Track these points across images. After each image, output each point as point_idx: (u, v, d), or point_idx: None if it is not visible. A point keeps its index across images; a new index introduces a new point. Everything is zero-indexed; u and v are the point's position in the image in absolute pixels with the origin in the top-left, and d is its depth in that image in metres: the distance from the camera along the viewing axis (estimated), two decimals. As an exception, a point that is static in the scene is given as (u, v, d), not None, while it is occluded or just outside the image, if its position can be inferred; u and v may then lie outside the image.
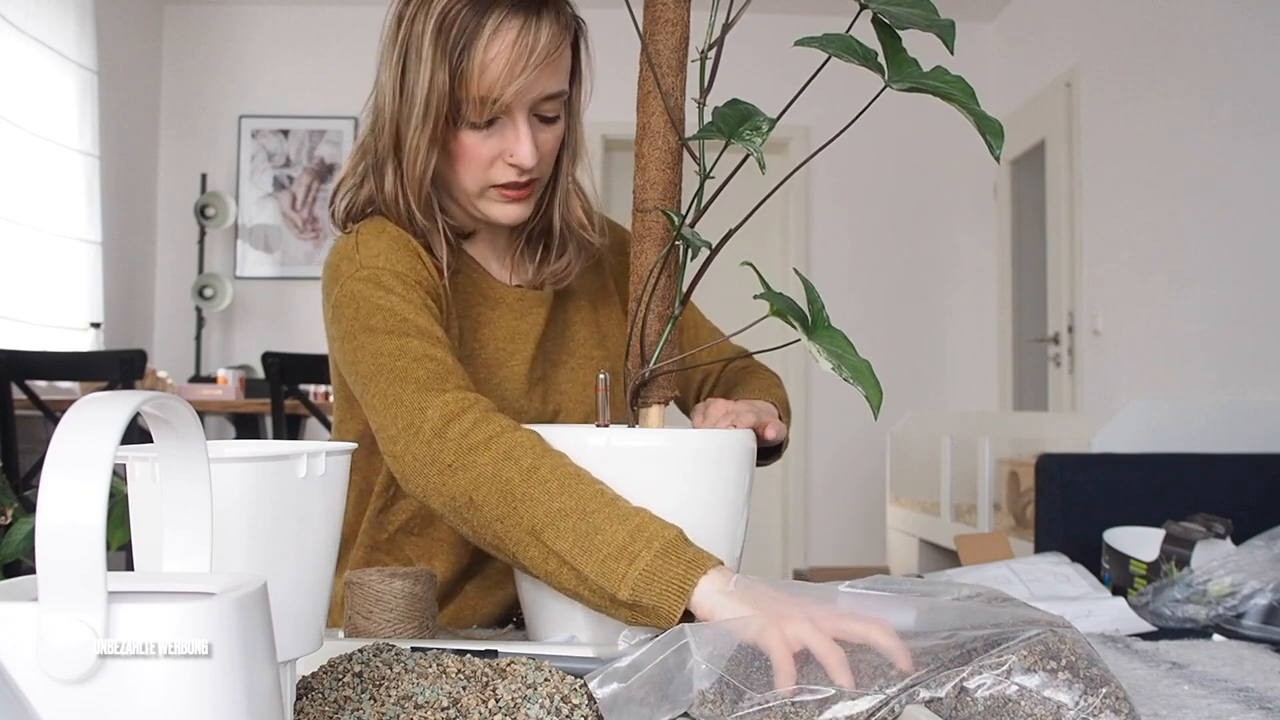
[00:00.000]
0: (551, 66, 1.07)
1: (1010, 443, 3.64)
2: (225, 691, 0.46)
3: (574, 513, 0.86)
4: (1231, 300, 3.40)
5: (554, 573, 0.86)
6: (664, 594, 0.81)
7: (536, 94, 1.07)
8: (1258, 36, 3.29)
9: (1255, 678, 0.92)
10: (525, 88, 1.05)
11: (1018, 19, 5.23)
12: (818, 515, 5.44)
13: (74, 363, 3.28)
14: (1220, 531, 1.33)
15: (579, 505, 0.86)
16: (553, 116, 1.11)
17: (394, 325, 1.03)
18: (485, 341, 1.17)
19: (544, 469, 0.89)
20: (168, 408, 0.52)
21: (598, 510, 0.86)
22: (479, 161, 1.09)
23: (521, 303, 1.20)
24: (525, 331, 1.19)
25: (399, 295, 1.05)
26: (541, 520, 0.86)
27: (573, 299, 1.26)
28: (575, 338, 1.25)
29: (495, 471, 0.90)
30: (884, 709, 0.68)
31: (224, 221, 5.23)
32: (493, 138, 1.08)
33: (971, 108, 0.88)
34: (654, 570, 0.81)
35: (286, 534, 0.65)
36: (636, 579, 0.82)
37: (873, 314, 5.38)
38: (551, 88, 1.08)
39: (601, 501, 0.86)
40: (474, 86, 1.04)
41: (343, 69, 5.24)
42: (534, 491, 0.88)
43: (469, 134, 1.08)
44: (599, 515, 0.85)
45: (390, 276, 1.07)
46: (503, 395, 1.16)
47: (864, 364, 0.87)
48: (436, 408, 0.95)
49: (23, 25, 4.02)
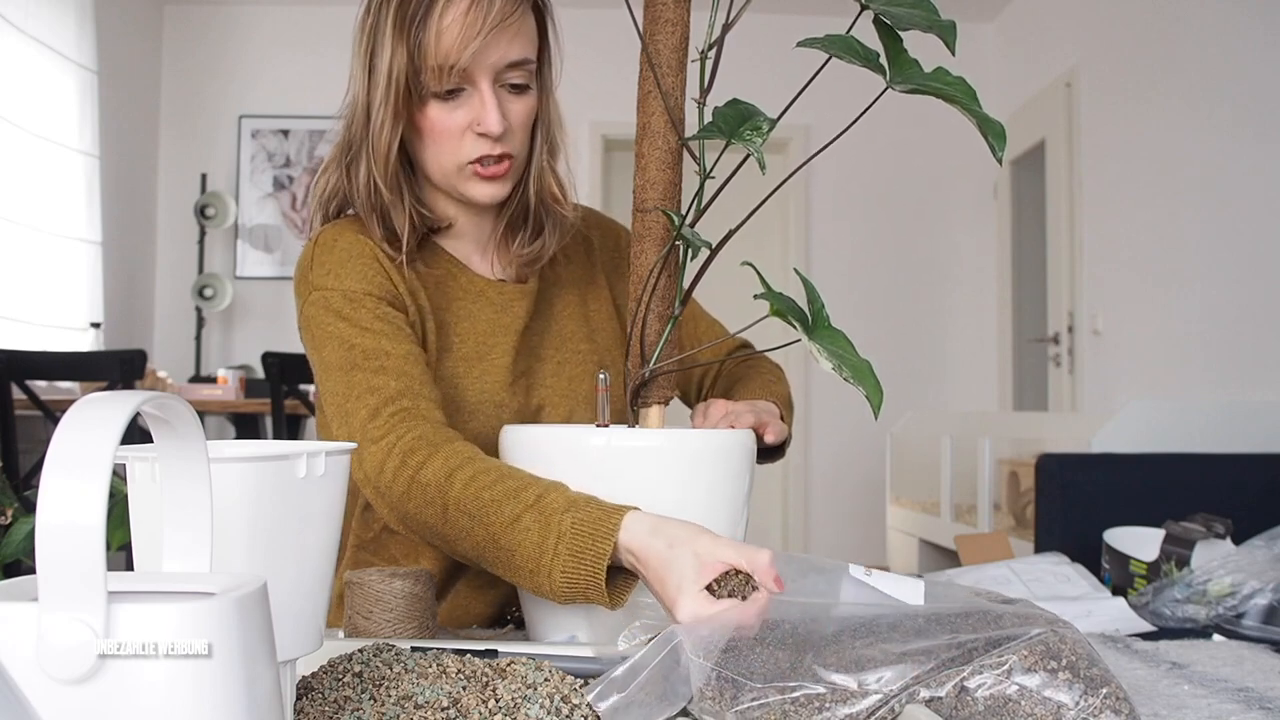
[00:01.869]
0: (509, 31, 1.08)
1: (1010, 443, 3.64)
2: (225, 691, 0.46)
3: (488, 543, 0.92)
4: (1231, 300, 3.40)
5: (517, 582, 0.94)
6: (589, 589, 0.87)
7: (497, 59, 1.08)
8: (1258, 36, 3.29)
9: (1255, 678, 0.92)
10: (481, 51, 1.06)
11: (1018, 19, 5.23)
12: (818, 515, 5.44)
13: (74, 363, 3.28)
14: (1220, 531, 1.33)
15: (490, 536, 0.92)
16: (521, 84, 1.12)
17: (341, 358, 1.07)
18: (465, 336, 1.17)
19: (451, 508, 0.94)
20: (168, 408, 0.52)
21: (503, 533, 0.91)
22: (449, 135, 1.11)
23: (502, 296, 1.20)
24: (506, 325, 1.19)
25: (347, 320, 1.08)
26: (474, 555, 0.94)
27: (559, 292, 1.26)
28: (562, 331, 1.24)
29: (421, 517, 0.97)
30: (884, 708, 0.68)
31: (224, 221, 5.23)
32: (460, 109, 1.10)
33: (973, 109, 0.88)
34: (571, 574, 0.87)
35: (286, 534, 0.65)
36: (562, 587, 0.88)
37: (873, 314, 5.38)
38: (513, 54, 1.09)
39: (504, 522, 0.91)
40: (432, 55, 1.06)
41: (343, 69, 5.15)
42: (454, 532, 0.94)
43: (435, 106, 1.09)
44: (505, 537, 0.91)
45: (340, 299, 1.10)
46: (483, 390, 1.16)
47: (864, 364, 0.87)
48: (370, 458, 1.00)
49: (23, 25, 4.02)
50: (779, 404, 1.20)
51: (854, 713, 0.68)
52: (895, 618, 0.75)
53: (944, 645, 0.71)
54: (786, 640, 0.73)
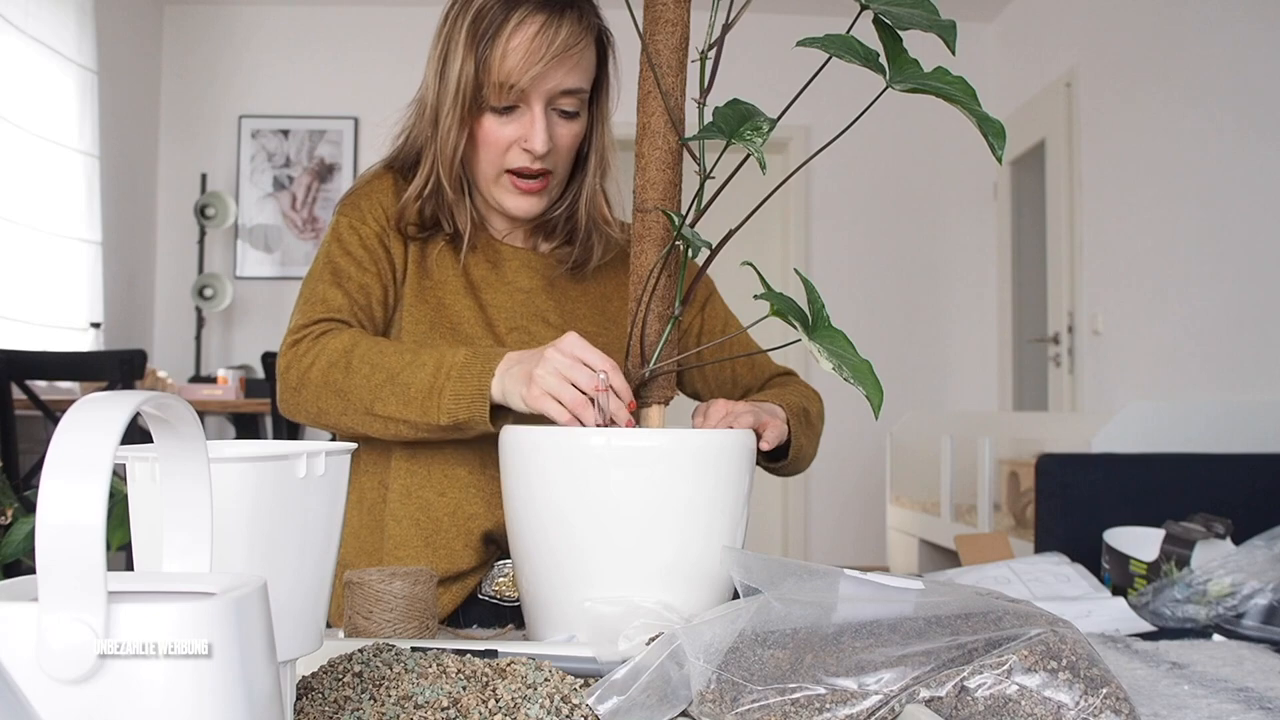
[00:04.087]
0: (569, 61, 1.16)
1: (1010, 443, 3.64)
2: (225, 691, 0.46)
3: (386, 383, 1.08)
4: (1231, 300, 3.40)
5: (395, 431, 1.10)
6: (471, 407, 1.04)
7: (553, 85, 1.16)
8: (1258, 37, 3.29)
9: (1255, 678, 0.92)
10: (541, 76, 1.15)
11: (1018, 19, 5.23)
12: (818, 515, 5.44)
13: (74, 363, 3.28)
14: (1220, 531, 1.33)
15: (389, 375, 1.08)
16: (572, 112, 1.20)
17: (320, 271, 1.22)
18: (475, 282, 1.26)
19: (356, 361, 1.10)
20: (168, 408, 0.52)
21: (402, 370, 1.08)
22: (497, 146, 1.19)
23: (517, 258, 1.29)
24: (521, 286, 1.27)
25: (337, 244, 1.23)
26: (369, 399, 1.09)
27: (584, 281, 1.31)
28: (575, 312, 1.29)
29: (325, 379, 1.11)
30: (884, 708, 0.68)
31: (224, 221, 5.22)
32: (511, 124, 1.18)
33: (973, 109, 0.88)
34: (458, 393, 1.05)
35: (286, 534, 0.65)
36: (449, 406, 1.05)
37: (873, 314, 5.38)
38: (569, 83, 1.17)
39: (404, 362, 1.08)
40: (495, 72, 1.15)
41: (343, 69, 5.24)
42: (355, 381, 1.09)
43: (490, 118, 1.18)
44: (405, 373, 1.07)
45: (346, 228, 1.24)
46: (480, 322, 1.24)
47: (864, 364, 0.87)
48: (287, 342, 1.15)
49: (23, 25, 4.02)
50: (787, 410, 1.20)
51: (854, 713, 0.68)
52: (895, 619, 0.75)
53: (944, 647, 0.71)
54: (786, 642, 0.73)
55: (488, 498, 1.20)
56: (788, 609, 0.76)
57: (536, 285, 1.28)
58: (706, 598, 0.93)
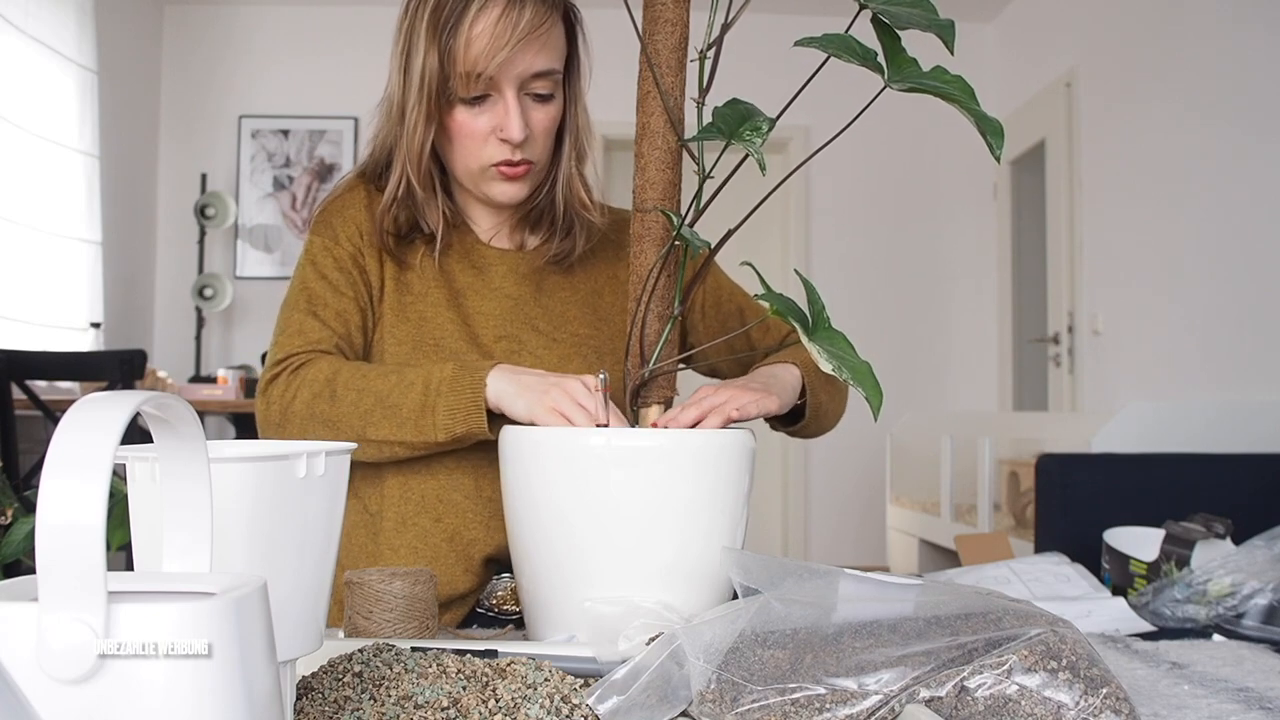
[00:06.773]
0: (536, 43, 1.12)
1: (1010, 443, 3.64)
2: (225, 691, 0.46)
3: (375, 406, 1.08)
4: (1231, 300, 3.40)
5: (390, 454, 1.10)
6: (468, 420, 1.05)
7: (523, 70, 1.12)
8: (1258, 36, 3.29)
9: (1255, 678, 0.92)
10: (508, 61, 1.11)
11: (1018, 19, 5.23)
12: (818, 515, 5.44)
13: (74, 363, 3.28)
14: (1220, 531, 1.33)
15: (378, 399, 1.08)
16: (545, 94, 1.16)
17: (295, 299, 1.20)
18: (459, 290, 1.23)
19: (340, 388, 1.09)
20: (168, 408, 0.52)
21: (390, 392, 1.07)
22: (474, 138, 1.16)
23: (503, 263, 1.25)
24: (508, 292, 1.24)
25: (312, 268, 1.20)
26: (359, 425, 1.08)
27: (573, 277, 1.28)
28: (565, 313, 1.26)
29: (309, 410, 1.10)
30: (884, 708, 0.68)
31: (224, 221, 5.23)
32: (484, 114, 1.14)
33: (971, 108, 0.88)
34: (452, 407, 1.05)
35: (286, 534, 0.65)
36: (444, 423, 1.05)
37: (873, 314, 5.38)
38: (539, 65, 1.13)
39: (390, 384, 1.08)
40: (461, 61, 1.11)
41: (343, 69, 5.24)
42: (343, 409, 1.08)
43: (462, 110, 1.14)
44: (393, 395, 1.07)
45: (320, 250, 1.21)
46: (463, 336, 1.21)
47: (864, 365, 0.87)
48: (265, 379, 1.14)
49: (23, 25, 4.02)
50: (801, 367, 1.17)
51: (854, 713, 0.68)
52: (895, 620, 0.75)
53: (944, 647, 0.71)
54: (786, 642, 0.73)
55: (486, 520, 1.18)
56: (788, 609, 0.76)
57: (525, 291, 1.24)
58: (706, 598, 0.93)
